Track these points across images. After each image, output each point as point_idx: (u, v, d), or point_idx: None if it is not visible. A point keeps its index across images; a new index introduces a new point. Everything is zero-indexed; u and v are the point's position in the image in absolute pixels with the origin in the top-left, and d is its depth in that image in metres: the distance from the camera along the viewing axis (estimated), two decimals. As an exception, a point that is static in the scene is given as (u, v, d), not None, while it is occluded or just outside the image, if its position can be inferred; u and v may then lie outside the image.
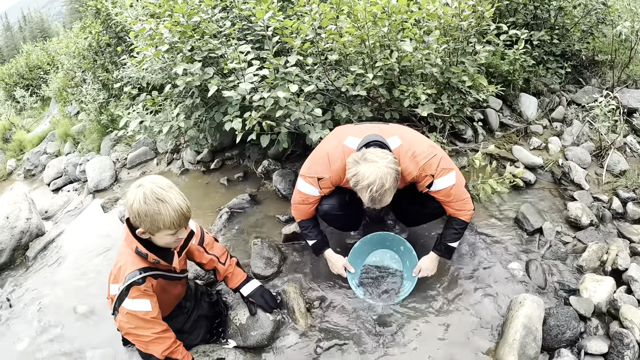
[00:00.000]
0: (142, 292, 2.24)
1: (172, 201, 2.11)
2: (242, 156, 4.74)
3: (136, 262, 2.28)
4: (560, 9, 4.62)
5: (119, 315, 2.26)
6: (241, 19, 3.78)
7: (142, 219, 2.11)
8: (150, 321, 2.26)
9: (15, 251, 4.29)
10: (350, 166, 2.33)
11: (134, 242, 2.25)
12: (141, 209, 2.08)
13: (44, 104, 11.25)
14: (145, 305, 2.25)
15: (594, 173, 3.97)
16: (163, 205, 2.09)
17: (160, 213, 2.08)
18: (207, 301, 2.90)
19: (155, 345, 2.27)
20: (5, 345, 3.25)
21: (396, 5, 3.10)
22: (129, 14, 4.41)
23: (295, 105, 3.05)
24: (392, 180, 2.26)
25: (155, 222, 2.10)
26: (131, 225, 2.25)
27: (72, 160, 6.44)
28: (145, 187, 2.10)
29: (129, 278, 2.23)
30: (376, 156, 2.27)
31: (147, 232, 2.19)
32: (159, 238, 2.23)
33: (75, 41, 7.18)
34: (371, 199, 2.29)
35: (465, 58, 3.59)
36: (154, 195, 2.08)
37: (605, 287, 2.78)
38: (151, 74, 3.85)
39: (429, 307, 2.84)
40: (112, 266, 2.40)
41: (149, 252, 2.26)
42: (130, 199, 2.12)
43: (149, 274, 2.29)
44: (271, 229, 3.66)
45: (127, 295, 2.22)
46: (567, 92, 4.97)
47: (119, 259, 2.34)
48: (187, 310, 2.73)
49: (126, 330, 2.28)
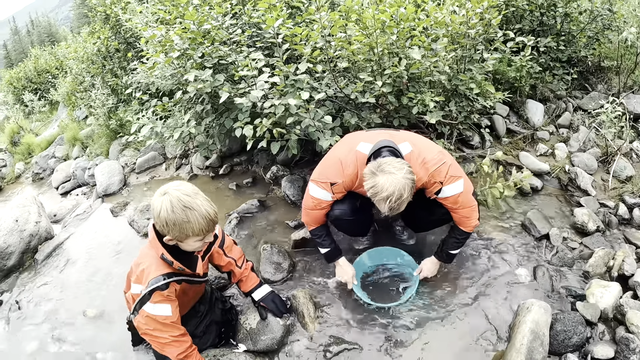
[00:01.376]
0: (164, 297, 2.25)
1: (200, 208, 2.10)
2: (251, 162, 4.77)
3: (160, 267, 2.28)
4: (567, 15, 4.65)
5: (139, 316, 2.27)
6: (251, 26, 3.82)
7: (170, 227, 2.10)
8: (169, 325, 2.28)
9: (24, 254, 4.32)
10: (368, 177, 2.34)
11: (160, 249, 2.24)
12: (169, 218, 2.07)
13: (52, 108, 11.30)
14: (166, 310, 2.26)
15: (601, 179, 3.98)
16: (191, 213, 2.07)
17: (189, 221, 2.07)
18: (221, 308, 2.90)
19: (171, 348, 2.28)
20: (14, 347, 3.28)
21: (404, 13, 3.14)
22: (139, 20, 4.46)
23: (305, 112, 3.09)
24: (409, 190, 2.29)
25: (184, 231, 2.10)
26: (157, 230, 2.24)
27: (81, 164, 6.48)
28: (172, 195, 2.08)
29: (152, 283, 2.23)
30: (393, 167, 2.28)
31: (174, 240, 2.18)
32: (187, 244, 2.23)
33: (84, 46, 7.22)
34: (390, 209, 2.32)
35: (472, 65, 3.62)
36: (180, 203, 2.06)
37: (612, 292, 2.79)
38: (161, 80, 3.88)
39: (436, 312, 2.86)
40: (134, 264, 2.40)
41: (174, 260, 2.26)
42: (156, 207, 2.10)
43: (172, 279, 2.29)
44: (280, 235, 3.69)
45: (150, 300, 2.22)
46: (573, 98, 4.98)
47: (143, 260, 2.33)
48: (201, 314, 2.73)
49: (144, 331, 2.29)
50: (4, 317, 3.58)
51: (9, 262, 4.19)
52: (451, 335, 2.71)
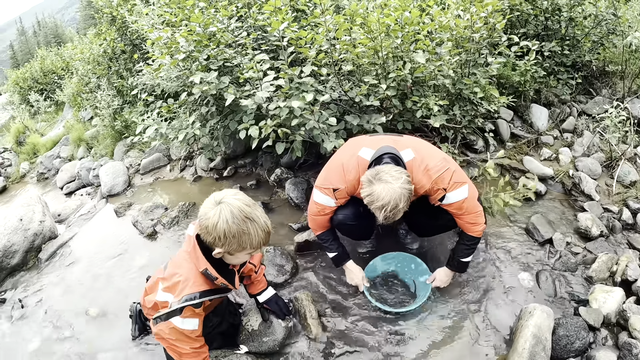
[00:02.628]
0: (194, 312, 2.18)
1: (260, 220, 2.01)
2: (255, 164, 4.79)
3: (199, 282, 2.19)
4: (571, 19, 4.65)
5: (163, 326, 2.17)
6: (256, 29, 3.84)
7: (227, 239, 1.99)
8: (192, 338, 2.23)
9: (28, 253, 4.34)
10: (365, 185, 2.35)
11: (204, 263, 2.14)
12: (229, 230, 1.96)
13: (58, 108, 11.35)
14: (194, 324, 2.20)
15: (604, 184, 3.97)
16: (252, 225, 1.98)
17: (249, 233, 1.99)
18: (231, 322, 2.85)
19: (188, 358, 2.24)
20: (16, 345, 3.30)
21: (409, 17, 3.16)
22: (145, 22, 4.49)
23: (310, 114, 3.10)
24: (405, 200, 2.29)
25: (242, 243, 2.01)
26: (201, 241, 2.14)
27: (86, 164, 6.50)
28: (232, 205, 1.97)
29: (186, 299, 2.14)
30: (390, 176, 2.28)
31: (226, 252, 2.09)
32: (236, 257, 2.16)
33: (90, 47, 7.26)
34: (385, 218, 2.32)
35: (477, 69, 3.62)
36: (242, 214, 1.96)
37: (615, 297, 2.79)
38: (167, 81, 3.90)
39: (439, 316, 2.86)
40: (166, 271, 2.32)
41: (219, 276, 2.17)
42: (212, 218, 1.98)
43: (207, 298, 2.21)
44: (284, 237, 3.69)
45: (180, 315, 2.14)
46: (577, 103, 4.98)
47: (178, 271, 2.23)
48: (212, 325, 2.66)
49: (164, 339, 2.22)
50: (6, 316, 3.59)
51: (12, 261, 4.20)
52: (454, 339, 2.72)
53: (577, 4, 4.57)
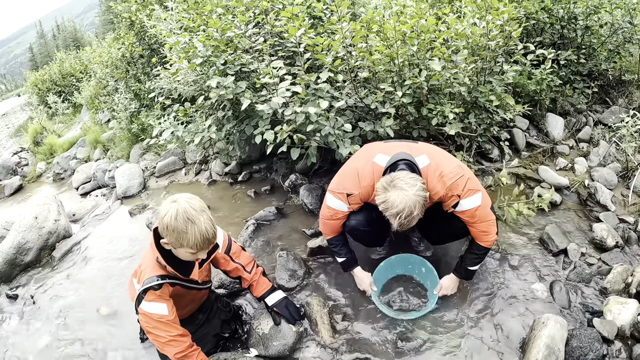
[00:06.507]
0: (157, 296, 2.36)
1: (201, 225, 2.18)
2: (270, 170, 4.82)
3: (155, 269, 2.40)
4: (587, 28, 4.62)
5: (140, 314, 2.39)
6: (273, 36, 3.88)
7: (169, 232, 2.19)
8: (166, 324, 2.37)
9: (41, 251, 4.42)
10: (380, 192, 2.34)
11: (156, 252, 2.36)
12: (170, 224, 2.16)
13: (76, 110, 11.53)
14: (161, 308, 2.37)
15: (620, 194, 3.93)
16: (191, 226, 2.16)
17: (186, 232, 2.16)
18: (223, 318, 2.94)
19: (169, 347, 2.37)
20: (26, 340, 3.35)
21: (425, 24, 3.17)
22: (163, 27, 4.55)
23: (325, 120, 3.12)
24: (420, 207, 2.28)
25: (180, 239, 2.18)
26: (158, 234, 2.35)
27: (102, 166, 6.60)
28: (180, 205, 2.18)
29: (146, 282, 2.35)
30: (405, 183, 2.28)
31: (170, 245, 2.28)
32: (179, 253, 2.34)
33: (109, 51, 7.38)
34: (399, 225, 2.32)
35: (492, 77, 3.62)
36: (185, 214, 2.15)
37: (630, 309, 2.75)
38: (184, 85, 3.95)
39: (451, 325, 2.84)
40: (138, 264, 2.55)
41: (167, 265, 2.37)
42: (162, 211, 2.21)
43: (166, 281, 2.40)
44: (297, 242, 3.71)
45: (144, 298, 2.35)
46: (593, 112, 4.94)
47: (143, 261, 2.48)
48: (198, 322, 2.82)
49: (145, 328, 2.40)
50: (18, 312, 3.65)
51: (26, 258, 4.28)
52: (465, 348, 2.70)
53: (593, 12, 4.54)
